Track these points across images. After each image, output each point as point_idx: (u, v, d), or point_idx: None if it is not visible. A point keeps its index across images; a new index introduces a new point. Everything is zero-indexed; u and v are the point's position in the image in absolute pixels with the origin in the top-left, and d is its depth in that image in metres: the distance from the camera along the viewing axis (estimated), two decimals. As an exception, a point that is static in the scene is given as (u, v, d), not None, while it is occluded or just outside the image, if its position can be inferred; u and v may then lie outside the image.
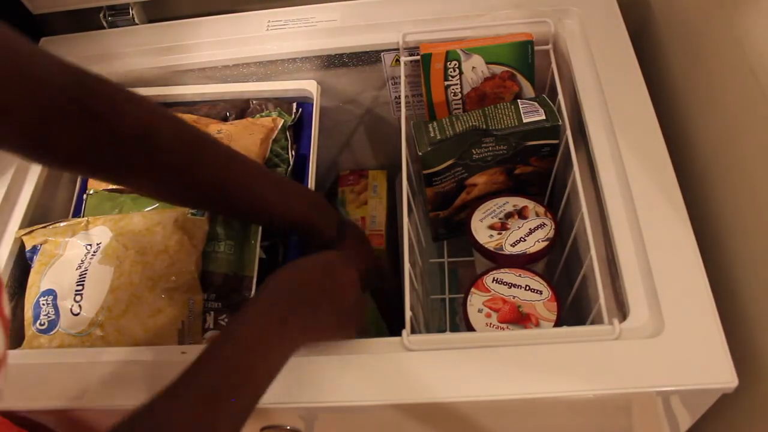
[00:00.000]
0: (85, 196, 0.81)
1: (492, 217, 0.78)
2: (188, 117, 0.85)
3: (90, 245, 0.73)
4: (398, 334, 0.59)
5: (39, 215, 0.80)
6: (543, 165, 0.80)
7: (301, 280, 0.57)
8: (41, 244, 0.74)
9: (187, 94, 0.89)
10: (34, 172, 0.80)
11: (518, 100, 0.77)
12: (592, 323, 0.66)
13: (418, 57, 0.81)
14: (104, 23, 0.93)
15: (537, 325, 0.67)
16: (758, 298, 0.62)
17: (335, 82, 0.91)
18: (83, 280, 0.70)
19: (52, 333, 0.68)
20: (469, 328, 0.69)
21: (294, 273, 0.57)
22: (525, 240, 0.75)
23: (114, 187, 0.81)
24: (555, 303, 0.69)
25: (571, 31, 0.81)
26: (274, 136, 0.83)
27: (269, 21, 0.89)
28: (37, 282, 0.72)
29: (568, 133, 0.73)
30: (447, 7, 0.85)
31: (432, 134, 0.75)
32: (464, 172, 0.80)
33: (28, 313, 0.70)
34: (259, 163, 0.77)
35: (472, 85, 0.83)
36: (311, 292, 0.56)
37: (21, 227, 0.76)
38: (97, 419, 0.62)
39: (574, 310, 0.76)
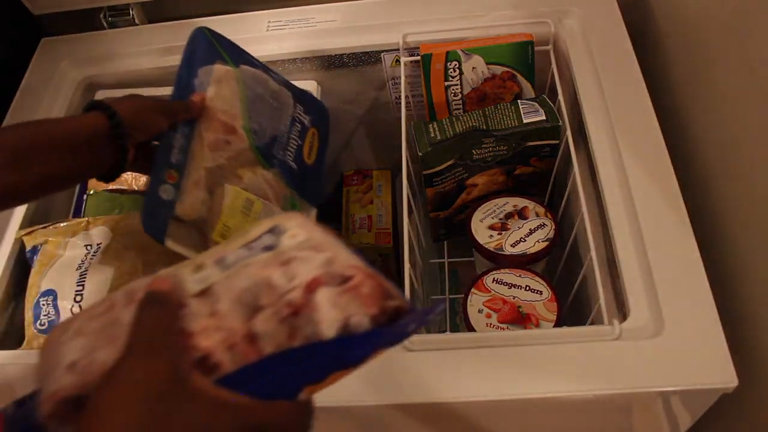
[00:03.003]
0: (85, 196, 0.81)
1: (492, 218, 0.78)
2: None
3: (90, 245, 0.73)
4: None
5: (39, 215, 0.80)
6: (543, 165, 0.80)
7: None
8: (41, 245, 0.74)
9: (187, 94, 0.89)
10: (35, 172, 0.80)
11: (518, 101, 0.77)
12: (592, 323, 0.66)
13: (419, 57, 0.81)
14: (104, 23, 0.93)
15: (537, 325, 0.67)
16: (758, 298, 0.62)
17: (335, 82, 0.91)
18: (83, 281, 0.70)
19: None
20: (470, 328, 0.69)
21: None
22: (525, 240, 0.75)
23: (115, 187, 0.81)
24: (555, 303, 0.69)
25: (571, 32, 0.81)
26: (274, 137, 0.83)
27: (269, 21, 0.89)
28: (37, 282, 0.72)
29: (568, 133, 0.73)
30: (447, 7, 0.85)
31: (432, 134, 0.75)
32: (464, 173, 0.80)
33: (29, 313, 0.70)
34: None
35: (472, 86, 0.83)
36: None
37: (21, 227, 0.76)
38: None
39: (574, 311, 0.76)
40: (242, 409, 0.34)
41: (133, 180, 0.81)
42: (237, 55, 0.71)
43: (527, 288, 0.70)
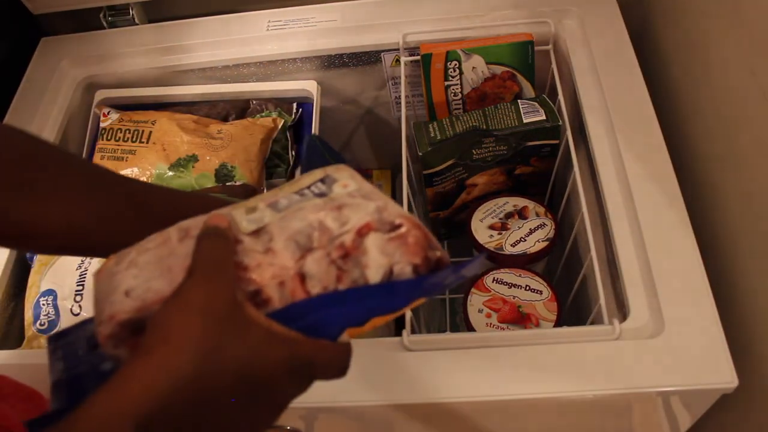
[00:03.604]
0: (85, 196, 0.81)
1: (492, 218, 0.78)
2: (188, 117, 0.85)
3: (90, 245, 0.73)
4: (398, 334, 0.59)
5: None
6: (543, 165, 0.80)
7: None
8: (41, 244, 0.74)
9: (187, 94, 0.89)
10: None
11: (518, 101, 0.77)
12: (592, 323, 0.66)
13: (419, 57, 0.81)
14: (104, 23, 0.93)
15: (537, 325, 0.67)
16: (758, 298, 0.62)
17: (335, 82, 0.91)
18: (83, 281, 0.70)
19: (52, 333, 0.68)
20: (470, 328, 0.69)
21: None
22: (525, 240, 0.75)
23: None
24: (555, 303, 0.69)
25: (571, 31, 0.81)
26: (274, 137, 0.83)
27: (269, 21, 0.89)
28: (37, 282, 0.72)
29: (568, 133, 0.73)
30: (447, 7, 0.85)
31: (432, 134, 0.75)
32: (464, 173, 0.80)
33: (29, 313, 0.70)
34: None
35: (472, 86, 0.83)
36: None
37: (21, 227, 0.76)
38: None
39: (574, 310, 0.76)
40: (293, 343, 0.35)
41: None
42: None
43: (527, 288, 0.70)
